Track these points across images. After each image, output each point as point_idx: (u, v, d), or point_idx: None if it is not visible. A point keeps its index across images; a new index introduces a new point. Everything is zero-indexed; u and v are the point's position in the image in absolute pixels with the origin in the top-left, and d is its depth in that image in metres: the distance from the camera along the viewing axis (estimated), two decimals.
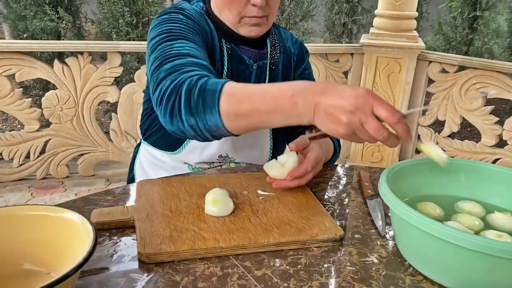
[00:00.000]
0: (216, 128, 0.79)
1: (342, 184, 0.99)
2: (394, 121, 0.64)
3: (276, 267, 0.68)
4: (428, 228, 0.61)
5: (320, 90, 0.69)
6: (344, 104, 0.65)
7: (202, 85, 0.78)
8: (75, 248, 0.61)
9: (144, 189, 0.87)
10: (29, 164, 2.72)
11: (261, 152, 1.18)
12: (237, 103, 0.76)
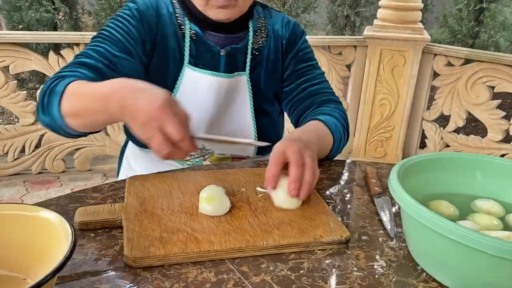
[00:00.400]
0: (64, 127, 0.83)
1: (346, 181, 0.93)
2: (176, 139, 0.67)
3: (276, 273, 0.62)
4: (445, 230, 0.55)
5: (127, 93, 0.71)
6: (139, 116, 0.68)
7: (53, 87, 0.83)
8: (53, 251, 0.55)
9: (134, 185, 0.81)
10: (24, 158, 2.66)
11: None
12: (72, 102, 0.80)
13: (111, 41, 0.95)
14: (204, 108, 1.03)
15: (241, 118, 1.08)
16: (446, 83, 2.86)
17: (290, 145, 0.78)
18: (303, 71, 1.11)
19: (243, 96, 1.07)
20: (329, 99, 1.09)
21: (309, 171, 0.76)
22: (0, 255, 0.57)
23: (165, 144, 0.68)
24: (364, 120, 2.98)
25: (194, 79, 1.02)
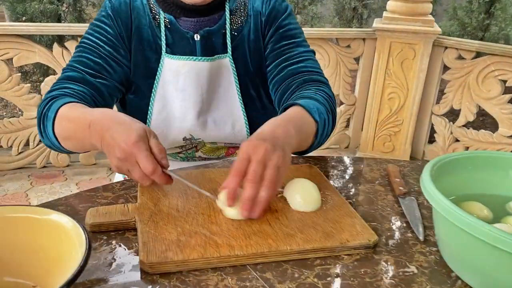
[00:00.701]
0: (63, 149, 0.88)
1: (367, 180, 0.89)
2: (148, 172, 0.68)
3: (302, 280, 0.58)
4: (484, 234, 0.50)
5: (106, 124, 0.73)
6: (115, 151, 0.69)
7: (46, 111, 0.86)
8: (65, 257, 0.52)
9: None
10: (29, 152, 2.63)
11: (233, 129, 1.04)
12: (62, 127, 0.83)
13: (92, 49, 0.96)
14: (188, 95, 1.00)
15: (229, 102, 1.04)
16: (456, 76, 2.80)
17: (255, 149, 0.68)
18: (284, 49, 1.02)
19: (228, 80, 1.02)
20: (311, 79, 0.98)
21: (266, 185, 0.67)
22: (8, 260, 0.54)
23: (145, 177, 0.69)
24: (373, 114, 2.93)
25: (174, 68, 0.99)
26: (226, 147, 1.09)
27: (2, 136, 2.56)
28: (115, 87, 0.97)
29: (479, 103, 2.75)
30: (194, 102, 1.00)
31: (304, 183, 0.74)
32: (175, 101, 1.01)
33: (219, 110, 1.03)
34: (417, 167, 0.95)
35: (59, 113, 0.83)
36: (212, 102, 1.03)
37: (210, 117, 1.03)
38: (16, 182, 2.56)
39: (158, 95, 1.01)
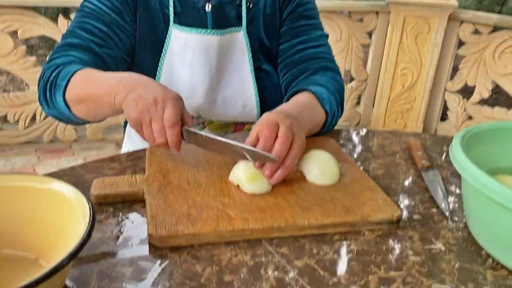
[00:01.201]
0: (72, 118, 0.81)
1: (388, 154, 0.84)
2: (167, 125, 0.65)
3: (321, 256, 0.54)
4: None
5: (146, 81, 0.69)
6: (149, 96, 0.65)
7: (54, 79, 0.80)
8: (68, 228, 0.48)
9: (155, 155, 0.73)
10: (36, 126, 2.61)
11: (244, 108, 0.99)
12: (77, 89, 0.76)
13: (96, 15, 0.88)
14: (196, 71, 0.93)
15: (240, 79, 0.97)
16: (472, 52, 2.71)
17: (283, 119, 0.66)
18: (301, 30, 0.97)
19: (240, 55, 0.95)
20: (326, 67, 0.95)
21: (293, 154, 0.65)
22: (7, 231, 0.50)
23: (162, 131, 0.65)
24: (385, 90, 2.86)
25: (182, 40, 0.92)
26: (234, 123, 1.04)
27: (9, 110, 2.53)
28: (121, 58, 0.91)
29: (494, 79, 2.67)
30: (203, 79, 0.94)
31: (321, 155, 0.70)
32: (182, 77, 0.94)
33: (230, 88, 0.97)
34: (439, 140, 0.90)
35: (73, 77, 0.77)
36: (222, 79, 0.96)
37: (220, 95, 0.97)
38: (23, 157, 2.54)
39: (164, 70, 0.94)
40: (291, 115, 0.70)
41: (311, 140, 0.82)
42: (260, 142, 0.64)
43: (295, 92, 0.87)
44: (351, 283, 0.50)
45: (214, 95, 0.96)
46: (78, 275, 0.50)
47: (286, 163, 0.64)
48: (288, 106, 0.78)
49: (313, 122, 0.81)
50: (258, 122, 0.67)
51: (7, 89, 3.75)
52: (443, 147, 0.87)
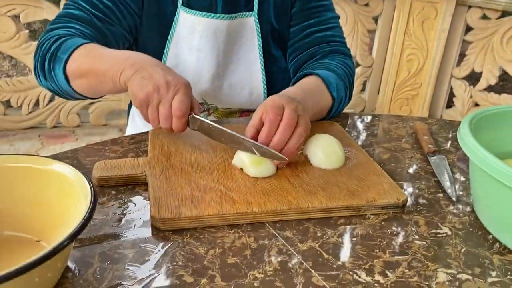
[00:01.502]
0: (71, 92, 0.79)
1: (393, 137, 0.83)
2: (176, 114, 0.64)
3: (325, 240, 0.54)
4: None
5: (154, 61, 0.68)
6: (160, 78, 0.64)
7: (54, 51, 0.77)
8: (70, 210, 0.48)
9: (158, 138, 0.72)
10: (39, 111, 2.60)
11: (251, 96, 0.97)
12: (80, 63, 0.74)
13: None
14: (203, 56, 0.91)
15: (248, 65, 0.95)
16: (479, 37, 2.67)
17: (289, 102, 0.65)
18: (313, 11, 0.94)
19: (250, 41, 0.93)
20: (337, 50, 0.93)
21: (298, 133, 0.63)
22: (8, 213, 0.50)
23: (169, 117, 0.65)
24: (390, 76, 2.83)
25: (190, 24, 0.90)
26: (240, 111, 1.03)
27: (12, 95, 2.52)
28: (123, 36, 0.89)
29: (502, 65, 2.63)
30: (210, 64, 0.92)
31: (326, 138, 0.69)
32: (188, 62, 0.92)
33: (237, 75, 0.95)
34: (446, 125, 0.89)
35: (76, 51, 0.75)
36: (229, 65, 0.94)
37: (226, 82, 0.95)
38: (27, 142, 2.54)
39: (170, 53, 0.92)
40: (296, 98, 0.68)
41: (316, 124, 0.81)
42: (265, 126, 0.63)
43: (302, 75, 0.85)
44: (356, 267, 0.49)
45: (220, 81, 0.94)
46: (80, 256, 0.49)
47: (290, 143, 0.63)
48: (294, 89, 0.76)
49: (318, 107, 0.80)
50: (262, 105, 0.65)
51: (10, 74, 3.74)
52: (450, 132, 0.85)
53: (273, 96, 0.67)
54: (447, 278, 0.48)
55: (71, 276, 0.47)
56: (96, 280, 0.46)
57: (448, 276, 0.49)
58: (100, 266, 0.48)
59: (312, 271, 0.48)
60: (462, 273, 0.49)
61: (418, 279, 0.48)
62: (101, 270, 0.47)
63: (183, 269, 0.48)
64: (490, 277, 0.49)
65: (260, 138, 0.63)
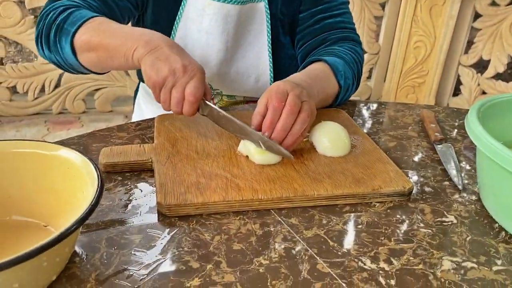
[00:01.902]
0: (76, 66, 0.78)
1: (400, 125, 0.82)
2: (189, 100, 0.64)
3: (330, 227, 0.54)
4: None
5: (169, 41, 0.67)
6: (176, 61, 0.64)
7: (61, 22, 0.75)
8: (76, 195, 0.48)
9: (163, 125, 0.72)
10: (45, 97, 2.60)
11: (257, 82, 0.96)
12: (89, 36, 0.72)
13: None
14: (212, 40, 0.90)
15: (256, 52, 0.93)
16: (488, 24, 2.64)
17: (293, 88, 0.65)
18: None
19: (260, 27, 0.92)
20: (346, 37, 0.91)
21: (302, 118, 0.63)
22: (16, 198, 0.50)
23: (181, 101, 0.65)
24: (397, 64, 2.81)
25: (200, 5, 0.88)
26: (245, 101, 1.02)
27: (18, 81, 2.53)
28: (129, 10, 0.86)
29: (511, 53, 2.60)
30: (218, 49, 0.90)
31: (332, 126, 0.69)
32: (197, 44, 0.91)
33: (245, 61, 0.94)
34: (453, 113, 0.88)
35: (86, 24, 0.73)
36: (237, 50, 0.93)
37: (233, 67, 0.94)
38: (33, 128, 2.55)
39: (178, 33, 0.91)
40: (301, 84, 0.68)
41: (323, 111, 0.81)
42: (269, 113, 0.63)
43: (310, 61, 0.85)
44: (361, 254, 0.49)
45: (227, 66, 0.93)
46: (87, 242, 0.50)
47: (294, 129, 0.63)
48: (300, 75, 0.76)
49: (324, 94, 0.79)
50: (267, 91, 0.65)
51: (15, 59, 3.74)
52: (457, 120, 0.85)
53: (278, 81, 0.67)
54: (452, 266, 0.49)
55: (79, 261, 0.47)
56: (103, 265, 0.47)
57: (453, 264, 0.49)
58: (107, 251, 0.48)
59: (317, 258, 0.49)
60: (467, 261, 0.49)
61: (423, 267, 0.48)
62: (108, 255, 0.48)
63: (189, 254, 0.49)
64: (495, 266, 0.49)
65: (264, 125, 0.63)
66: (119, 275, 0.45)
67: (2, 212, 0.50)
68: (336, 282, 0.45)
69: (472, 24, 2.71)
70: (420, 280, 0.46)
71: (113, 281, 0.45)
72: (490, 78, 2.72)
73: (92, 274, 0.45)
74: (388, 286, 0.45)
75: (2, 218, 0.50)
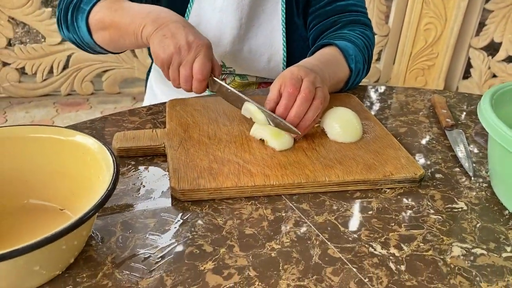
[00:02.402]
0: (92, 45, 0.80)
1: (411, 111, 0.82)
2: (197, 77, 0.66)
3: (341, 213, 0.55)
4: None
5: (176, 18, 0.68)
6: (181, 37, 0.65)
7: (78, 2, 0.77)
8: (92, 180, 0.49)
9: (175, 110, 0.73)
10: (53, 79, 2.61)
11: (269, 62, 0.95)
12: (102, 15, 0.74)
13: None
14: (226, 18, 0.89)
15: (269, 31, 0.93)
16: (501, 6, 2.59)
17: (307, 74, 0.65)
18: None
19: (274, 6, 0.91)
20: (358, 20, 0.91)
21: (315, 105, 0.64)
22: (33, 182, 0.51)
23: (189, 78, 0.66)
24: (407, 46, 2.78)
25: None
26: (257, 82, 1.01)
27: (27, 62, 2.53)
28: None
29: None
30: (232, 27, 0.90)
31: (343, 111, 0.69)
32: (210, 22, 0.90)
33: (258, 39, 0.93)
34: (464, 98, 0.88)
35: (100, 2, 0.74)
36: (251, 29, 0.92)
37: (247, 45, 0.93)
38: (42, 109, 2.57)
39: (193, 12, 0.90)
40: (313, 69, 0.68)
41: (334, 96, 0.81)
42: (283, 99, 0.63)
43: (321, 45, 0.84)
44: (372, 240, 0.50)
45: (240, 44, 0.93)
46: (103, 225, 0.51)
47: (307, 116, 0.63)
48: (312, 60, 0.76)
49: (335, 79, 0.79)
50: (280, 76, 0.65)
51: (23, 40, 3.74)
52: (468, 106, 0.84)
53: (291, 67, 0.67)
54: (461, 252, 0.49)
55: (95, 244, 0.48)
56: (119, 248, 0.48)
57: (463, 250, 0.49)
58: (123, 235, 0.50)
59: (328, 243, 0.49)
60: (477, 248, 0.50)
61: (433, 253, 0.49)
62: (123, 239, 0.49)
63: (203, 238, 0.50)
64: (505, 252, 0.49)
65: (278, 111, 0.63)
66: (134, 258, 0.47)
67: (20, 196, 0.51)
68: (347, 267, 0.46)
69: (484, 5, 2.66)
70: (430, 266, 0.47)
71: (129, 264, 0.46)
72: (501, 61, 2.69)
73: (108, 257, 0.47)
74: (398, 272, 0.46)
75: (20, 202, 0.51)
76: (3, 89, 2.57)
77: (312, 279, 0.45)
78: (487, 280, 0.46)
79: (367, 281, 0.45)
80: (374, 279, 0.45)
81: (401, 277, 0.45)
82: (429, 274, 0.46)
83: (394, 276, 0.45)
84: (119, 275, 0.44)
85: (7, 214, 0.50)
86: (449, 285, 0.45)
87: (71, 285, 0.43)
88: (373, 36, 0.91)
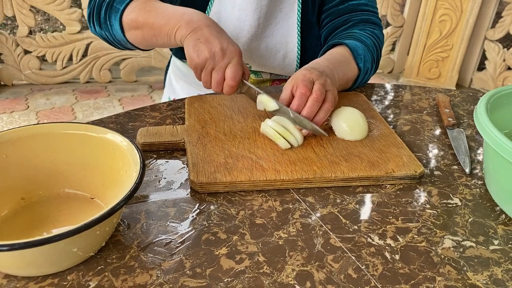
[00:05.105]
0: (123, 42, 0.83)
1: (415, 110, 0.86)
2: (229, 83, 0.70)
3: (343, 206, 0.60)
4: None
5: (209, 22, 0.72)
6: (216, 44, 0.69)
7: (111, 0, 0.80)
8: (120, 172, 0.55)
9: (193, 107, 0.78)
10: (72, 67, 2.69)
11: (284, 59, 0.99)
12: (136, 15, 0.77)
13: None
14: (244, 16, 0.93)
15: (285, 29, 0.96)
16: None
17: (319, 76, 0.70)
18: None
19: (291, 5, 0.95)
20: (368, 20, 0.94)
21: (324, 109, 0.69)
22: (67, 173, 0.57)
23: (221, 82, 0.70)
24: (421, 37, 2.78)
25: None
26: (271, 79, 1.06)
27: (47, 50, 2.61)
28: None
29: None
30: (250, 25, 0.94)
31: (351, 111, 0.73)
32: (229, 20, 0.95)
33: (274, 37, 0.97)
34: (468, 97, 0.91)
35: (133, 2, 0.77)
36: (268, 27, 0.96)
37: (263, 43, 0.98)
38: (62, 96, 2.65)
39: (213, 10, 0.94)
40: (325, 71, 0.73)
41: (342, 95, 0.85)
42: (295, 99, 0.68)
43: (332, 45, 0.88)
44: (370, 231, 0.55)
45: (257, 42, 0.97)
46: (129, 213, 0.57)
47: (317, 118, 0.68)
48: (322, 61, 0.80)
49: (344, 79, 0.84)
50: (293, 77, 0.70)
51: (43, 28, 3.82)
52: (472, 105, 0.88)
53: (303, 70, 0.72)
54: (452, 244, 0.54)
55: (123, 230, 0.54)
56: (143, 233, 0.54)
57: (453, 242, 0.54)
58: (146, 222, 0.56)
59: (331, 233, 0.55)
60: (467, 241, 0.55)
61: (426, 244, 0.54)
62: (147, 225, 0.55)
63: (218, 227, 0.55)
64: (492, 245, 0.54)
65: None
66: (157, 243, 0.52)
67: (56, 186, 0.57)
68: (346, 255, 0.52)
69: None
70: (422, 256, 0.52)
71: (152, 248, 0.52)
72: None
73: (134, 241, 0.53)
74: (393, 260, 0.51)
75: (56, 191, 0.57)
76: (25, 76, 2.66)
77: (314, 265, 0.50)
78: (473, 270, 0.51)
79: (364, 268, 0.50)
80: (371, 266, 0.50)
81: (395, 265, 0.51)
82: (421, 263, 0.51)
83: (388, 264, 0.51)
84: (144, 258, 0.50)
85: (45, 202, 0.56)
86: (438, 273, 0.50)
87: (103, 265, 0.49)
88: (382, 36, 0.95)
